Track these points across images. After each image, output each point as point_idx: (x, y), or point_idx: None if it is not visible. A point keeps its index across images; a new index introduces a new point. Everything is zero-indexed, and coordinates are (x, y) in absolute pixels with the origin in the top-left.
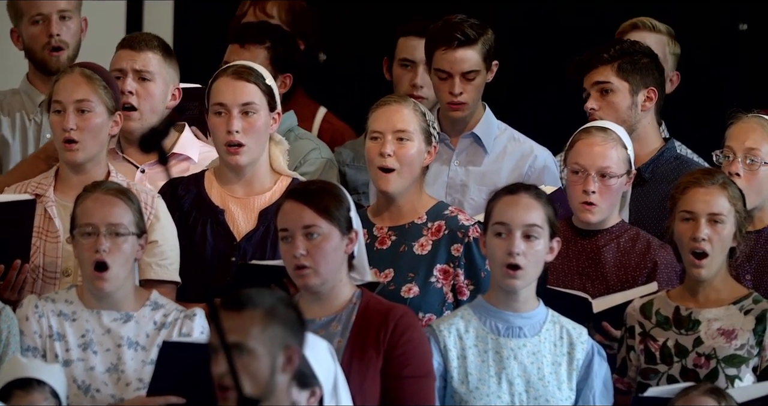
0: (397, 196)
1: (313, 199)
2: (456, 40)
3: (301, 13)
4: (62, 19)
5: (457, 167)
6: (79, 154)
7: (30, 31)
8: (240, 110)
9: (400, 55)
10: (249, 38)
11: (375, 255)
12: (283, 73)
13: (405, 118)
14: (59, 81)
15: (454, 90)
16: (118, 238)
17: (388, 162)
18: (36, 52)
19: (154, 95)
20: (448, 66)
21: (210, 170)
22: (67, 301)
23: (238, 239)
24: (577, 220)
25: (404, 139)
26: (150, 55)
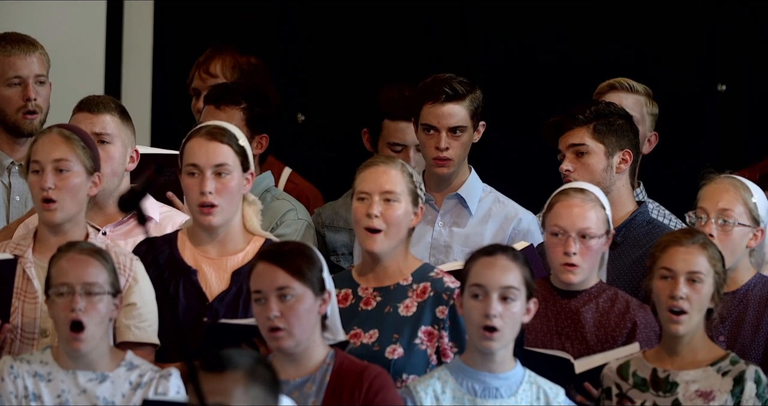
0: (383, 257)
1: (286, 260)
2: (444, 94)
3: (250, 70)
4: (38, 84)
5: (441, 228)
6: (57, 214)
7: (4, 93)
8: (213, 171)
9: (388, 138)
10: (224, 100)
11: (360, 315)
12: (259, 133)
13: (392, 180)
14: (38, 141)
15: (440, 144)
16: (93, 297)
17: (375, 223)
18: (9, 114)
19: (114, 157)
20: (435, 120)
21: (183, 230)
22: (42, 361)
23: (210, 300)
24: (556, 280)
25: (391, 200)
26: (108, 117)
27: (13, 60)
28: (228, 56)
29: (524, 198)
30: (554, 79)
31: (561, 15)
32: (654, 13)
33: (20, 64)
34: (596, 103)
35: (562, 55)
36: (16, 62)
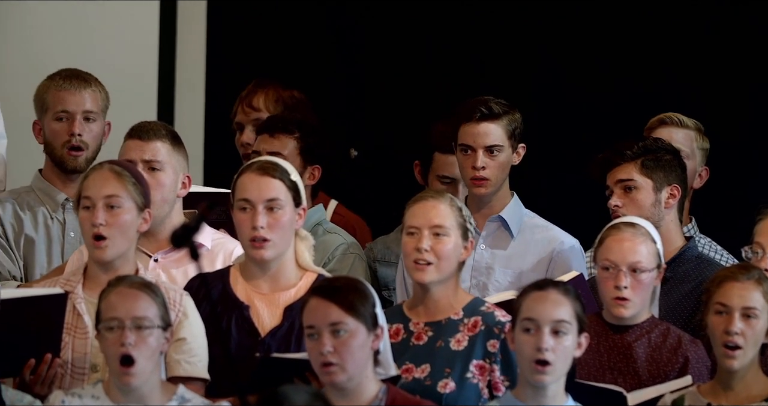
0: (432, 289)
1: (339, 296)
2: (479, 113)
3: (293, 104)
4: (86, 120)
5: (483, 250)
6: (108, 252)
7: (52, 127)
8: (265, 206)
9: (438, 171)
10: (278, 128)
11: (411, 350)
12: (312, 164)
13: (442, 214)
14: (88, 177)
15: (476, 164)
16: (143, 331)
17: (424, 256)
18: (55, 148)
19: (165, 185)
20: (470, 139)
21: (235, 266)
22: (93, 396)
23: (263, 335)
24: (608, 315)
25: (441, 235)
26: (158, 144)
27: (63, 95)
28: (271, 90)
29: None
30: (604, 114)
31: (613, 50)
32: (707, 48)
33: (69, 100)
34: (644, 138)
35: (613, 90)
36: (65, 97)
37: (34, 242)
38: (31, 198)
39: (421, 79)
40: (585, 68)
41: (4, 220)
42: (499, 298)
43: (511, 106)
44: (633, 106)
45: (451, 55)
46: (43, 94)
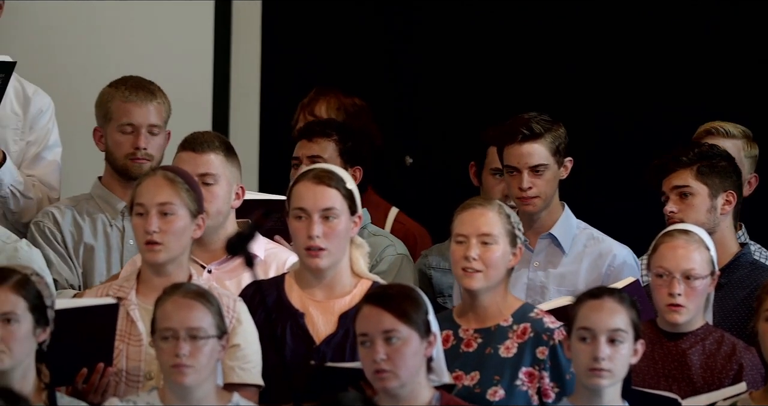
0: (481, 296)
1: (392, 303)
2: (520, 134)
3: (355, 111)
4: (150, 134)
5: (537, 269)
6: (161, 255)
7: (116, 138)
8: (321, 215)
9: (491, 164)
10: (316, 132)
11: (461, 357)
12: (352, 166)
13: (490, 222)
14: (142, 184)
15: (522, 185)
16: (197, 341)
17: (473, 265)
18: (117, 158)
19: (219, 197)
20: (515, 161)
21: (290, 273)
22: (148, 403)
23: (318, 343)
24: (662, 322)
25: (489, 243)
26: (212, 156)
27: (129, 107)
28: (332, 98)
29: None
30: (656, 123)
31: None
32: (756, 52)
33: (135, 112)
34: (699, 145)
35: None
36: (131, 109)
37: (93, 249)
38: (91, 206)
39: (475, 83)
40: (633, 76)
41: (63, 228)
42: (554, 304)
43: (554, 122)
44: (683, 111)
45: (504, 60)
46: (108, 102)
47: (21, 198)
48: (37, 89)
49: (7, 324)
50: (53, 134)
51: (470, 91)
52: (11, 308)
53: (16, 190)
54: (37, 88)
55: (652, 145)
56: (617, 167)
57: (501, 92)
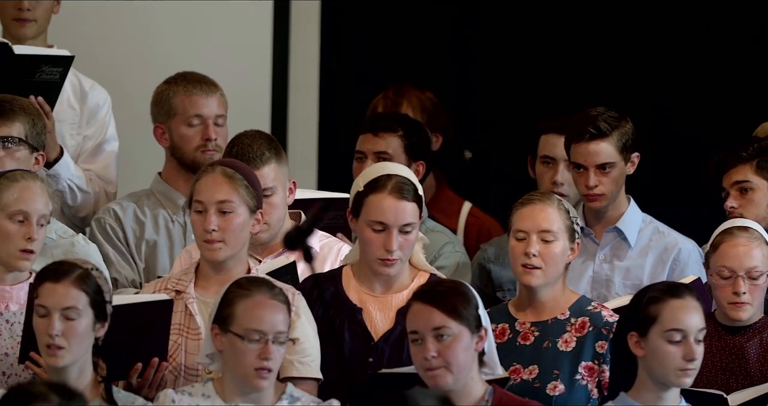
0: (540, 291)
1: (441, 300)
2: (588, 134)
3: (434, 109)
4: (216, 125)
5: (602, 262)
6: (221, 253)
7: (183, 132)
8: (400, 230)
9: (541, 152)
10: (382, 127)
11: (518, 351)
12: (416, 160)
13: (549, 218)
14: (200, 180)
15: (589, 183)
16: (281, 346)
17: (533, 261)
18: (186, 152)
19: (278, 206)
20: (582, 159)
21: (348, 266)
22: (204, 394)
23: (376, 339)
24: (722, 316)
25: (549, 240)
26: (266, 170)
27: (195, 99)
28: (413, 96)
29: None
30: (714, 119)
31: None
32: None
33: (202, 104)
34: (759, 140)
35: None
36: (197, 102)
37: (156, 245)
38: (151, 201)
39: (533, 75)
40: (694, 70)
41: (125, 224)
42: (615, 304)
43: (620, 118)
44: (743, 107)
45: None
46: (170, 98)
47: (78, 192)
48: (94, 84)
49: (68, 319)
50: (110, 128)
51: (528, 84)
52: (73, 303)
53: (73, 184)
54: (94, 83)
55: (712, 141)
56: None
57: (560, 85)
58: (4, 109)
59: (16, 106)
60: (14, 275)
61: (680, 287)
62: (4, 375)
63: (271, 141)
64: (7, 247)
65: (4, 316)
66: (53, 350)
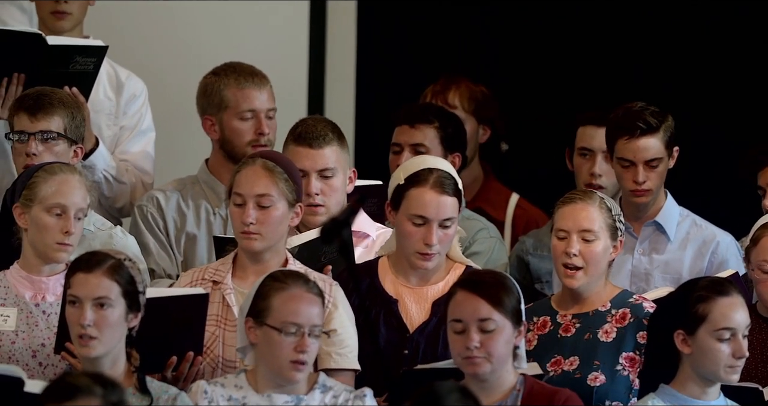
0: (582, 290)
1: (488, 291)
2: (638, 129)
3: (484, 100)
4: (267, 118)
5: (641, 256)
6: (257, 244)
7: (235, 125)
8: (440, 224)
9: (579, 144)
10: (418, 119)
11: (559, 342)
12: (452, 152)
13: (591, 217)
14: (240, 172)
15: (638, 178)
16: (316, 339)
17: (574, 261)
18: (238, 146)
19: (338, 189)
20: (631, 155)
21: (384, 257)
22: (236, 386)
23: (411, 331)
24: (762, 309)
25: (590, 239)
26: (328, 150)
27: (248, 93)
28: (463, 86)
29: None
30: (749, 113)
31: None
32: None
33: (255, 98)
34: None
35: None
36: (251, 95)
37: (195, 239)
38: (196, 191)
39: (569, 68)
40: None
41: (167, 214)
42: (654, 294)
43: (664, 113)
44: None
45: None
46: (221, 90)
47: (114, 183)
48: (130, 74)
49: (100, 309)
50: (146, 119)
51: (565, 77)
52: (105, 292)
53: (109, 175)
54: (131, 73)
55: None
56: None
57: (597, 76)
58: (43, 104)
59: (55, 99)
60: (51, 266)
61: (725, 283)
62: (41, 366)
63: (335, 126)
64: (44, 240)
65: (41, 307)
66: (85, 341)
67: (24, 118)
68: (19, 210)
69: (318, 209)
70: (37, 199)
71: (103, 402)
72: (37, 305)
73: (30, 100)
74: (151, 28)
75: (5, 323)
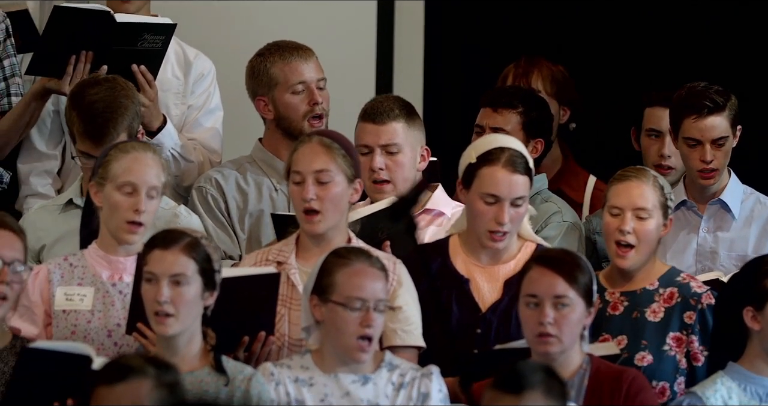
0: (633, 271)
1: (565, 268)
2: (705, 108)
3: (564, 82)
4: (319, 89)
5: (706, 234)
6: (321, 225)
7: (288, 100)
8: (512, 203)
9: (647, 125)
10: (502, 103)
11: (607, 321)
12: (534, 138)
13: (644, 195)
14: (298, 150)
15: (706, 158)
16: (381, 314)
17: (627, 238)
18: (295, 120)
19: (404, 165)
20: (698, 134)
21: (455, 236)
22: (302, 366)
23: (483, 310)
24: None
25: (644, 217)
26: (393, 126)
27: (295, 66)
28: (545, 68)
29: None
30: None
31: None
32: None
33: (302, 70)
34: None
35: None
36: (299, 68)
37: (261, 216)
38: (254, 169)
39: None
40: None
41: (227, 194)
42: (707, 276)
43: (728, 92)
44: None
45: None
46: (268, 69)
47: (182, 161)
48: (199, 53)
49: (176, 286)
50: (214, 98)
51: (631, 56)
52: (182, 269)
53: (176, 153)
54: (199, 53)
55: None
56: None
57: (662, 57)
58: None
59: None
60: (126, 247)
61: None
62: (116, 345)
63: (406, 103)
64: (115, 218)
65: (117, 287)
66: (162, 318)
67: (88, 143)
68: (94, 189)
69: (383, 185)
70: (109, 178)
71: (156, 383)
72: (113, 285)
73: (91, 127)
74: (220, 7)
75: (82, 303)
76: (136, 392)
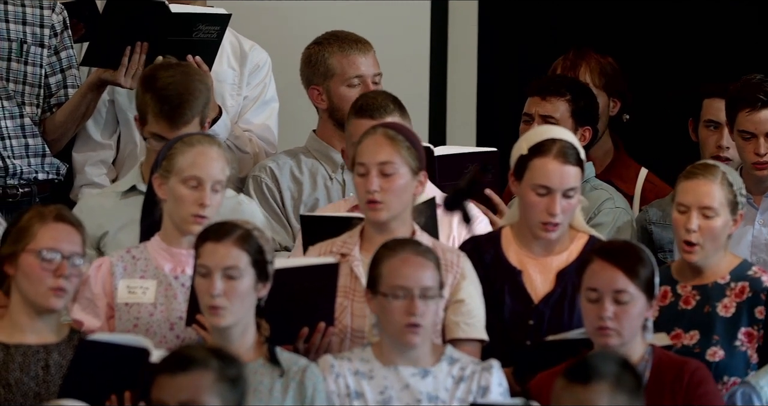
0: (702, 264)
1: (626, 262)
2: (759, 101)
3: (613, 73)
4: (374, 84)
5: (762, 227)
6: (383, 214)
7: (343, 92)
8: (564, 194)
9: (705, 116)
10: (550, 91)
11: (679, 315)
12: (582, 126)
13: (712, 194)
14: (363, 142)
15: (760, 150)
16: (429, 301)
17: (693, 237)
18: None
19: None
20: (752, 127)
21: (507, 228)
22: (362, 359)
23: (536, 302)
24: None
25: (710, 216)
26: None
27: (353, 59)
28: (593, 61)
29: None
30: None
31: None
32: None
33: (360, 63)
34: None
35: None
36: (357, 61)
37: (316, 205)
38: (309, 158)
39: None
40: None
41: (281, 184)
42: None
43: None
44: None
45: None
46: (326, 59)
47: (237, 152)
48: (254, 45)
49: (229, 279)
50: (270, 90)
51: (689, 47)
52: (234, 262)
53: (232, 144)
54: (254, 44)
55: None
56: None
57: (720, 48)
58: (183, 112)
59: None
60: (190, 239)
61: None
62: (179, 338)
63: (395, 98)
64: (180, 212)
65: (180, 279)
66: (215, 310)
67: (163, 124)
68: (158, 181)
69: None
70: (174, 171)
71: (218, 376)
72: (176, 278)
73: (167, 107)
74: (274, 2)
75: (144, 295)
76: (197, 384)
